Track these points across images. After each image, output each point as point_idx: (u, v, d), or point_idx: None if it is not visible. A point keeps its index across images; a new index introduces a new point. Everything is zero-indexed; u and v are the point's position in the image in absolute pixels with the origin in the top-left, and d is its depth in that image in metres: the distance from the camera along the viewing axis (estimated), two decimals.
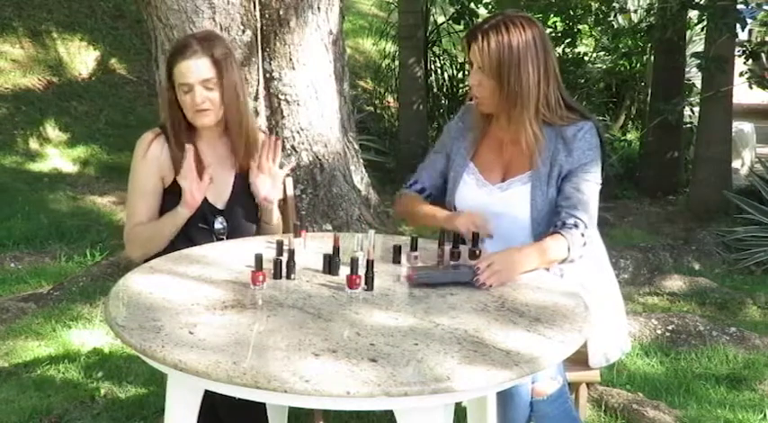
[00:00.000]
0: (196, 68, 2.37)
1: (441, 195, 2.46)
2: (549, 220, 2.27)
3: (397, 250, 2.20)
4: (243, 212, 2.51)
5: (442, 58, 8.34)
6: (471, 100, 2.39)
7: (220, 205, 2.48)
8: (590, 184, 2.28)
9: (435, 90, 8.24)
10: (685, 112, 7.50)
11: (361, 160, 4.45)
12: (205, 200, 2.43)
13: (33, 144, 7.13)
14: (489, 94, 2.29)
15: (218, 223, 2.47)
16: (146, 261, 2.28)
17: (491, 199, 2.33)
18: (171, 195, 2.42)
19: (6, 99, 7.43)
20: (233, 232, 2.47)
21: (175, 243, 2.38)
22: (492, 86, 2.27)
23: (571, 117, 2.31)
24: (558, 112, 2.29)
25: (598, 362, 2.37)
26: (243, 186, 2.51)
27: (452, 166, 2.42)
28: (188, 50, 2.37)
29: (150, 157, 2.43)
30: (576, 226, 2.21)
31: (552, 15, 8.49)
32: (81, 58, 8.22)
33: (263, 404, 2.23)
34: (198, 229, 2.43)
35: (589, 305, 2.21)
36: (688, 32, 7.96)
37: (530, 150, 2.29)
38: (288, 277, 2.03)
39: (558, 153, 2.29)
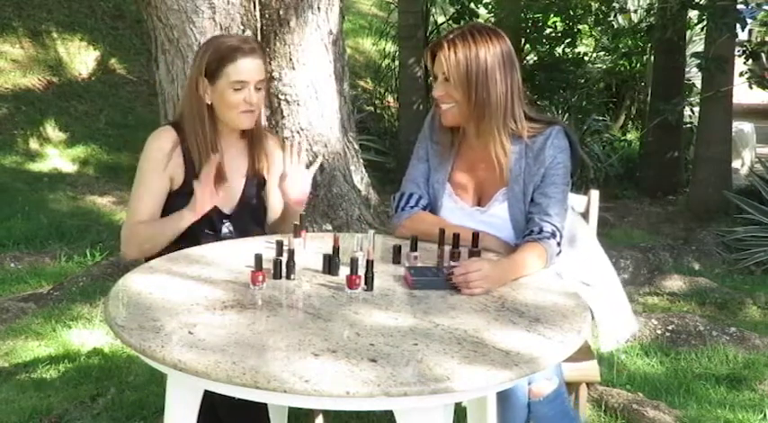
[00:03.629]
0: (256, 67, 2.36)
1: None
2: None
3: (397, 250, 2.20)
4: (250, 218, 2.50)
5: None
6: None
7: (228, 210, 2.46)
8: (558, 187, 2.27)
9: None
10: (685, 112, 7.51)
11: (361, 160, 4.45)
12: (215, 206, 2.41)
13: (33, 144, 7.13)
14: (455, 106, 2.27)
15: (226, 228, 2.45)
16: (146, 260, 2.28)
17: (473, 221, 2.32)
18: (179, 197, 2.38)
19: (6, 99, 7.43)
20: (240, 237, 2.45)
21: (181, 246, 2.35)
22: (458, 98, 2.25)
23: (536, 127, 2.30)
24: (523, 124, 2.28)
25: (611, 345, 2.38)
26: (252, 192, 2.51)
27: (431, 181, 2.41)
28: (247, 47, 2.36)
29: (163, 157, 2.38)
30: (553, 235, 2.21)
31: (552, 15, 8.50)
32: (81, 58, 8.23)
33: (265, 404, 2.23)
34: (204, 235, 2.40)
35: (593, 297, 2.23)
36: (688, 32, 7.96)
37: (500, 164, 2.29)
38: (288, 277, 2.03)
39: (530, 168, 2.28)
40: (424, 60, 2.36)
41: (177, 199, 2.39)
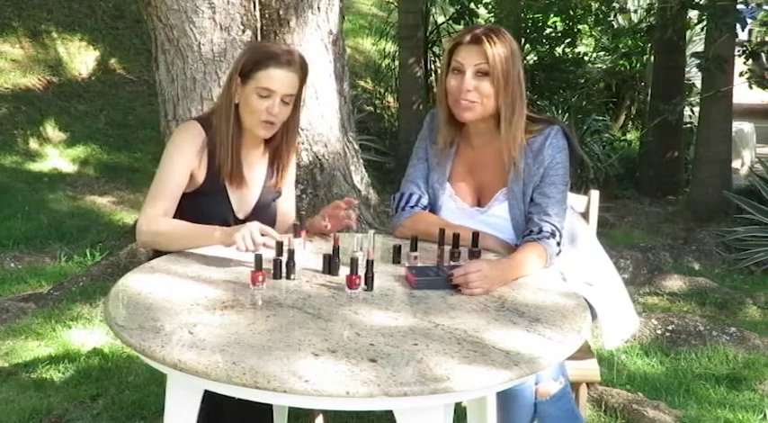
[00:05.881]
0: (288, 80, 2.32)
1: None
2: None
3: (397, 250, 2.20)
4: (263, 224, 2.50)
5: (442, 58, 8.34)
6: (461, 103, 2.28)
7: (242, 215, 2.45)
8: (557, 187, 2.28)
9: (435, 90, 8.25)
10: (685, 112, 7.51)
11: (361, 160, 4.45)
12: (230, 210, 2.41)
13: (33, 144, 7.13)
14: (484, 100, 2.25)
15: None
16: (147, 260, 2.27)
17: (473, 221, 2.33)
18: (200, 197, 2.37)
19: (6, 99, 7.43)
20: None
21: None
22: (490, 93, 2.24)
23: (536, 128, 2.30)
24: (524, 126, 2.29)
25: (614, 343, 2.39)
26: (267, 199, 2.50)
27: (431, 182, 2.41)
28: (284, 58, 2.32)
29: (189, 148, 2.35)
30: (552, 235, 2.22)
31: (552, 15, 8.51)
32: (81, 58, 8.23)
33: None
34: None
35: (596, 297, 2.23)
36: (688, 32, 7.96)
37: (510, 162, 2.29)
38: (287, 277, 2.03)
39: (530, 168, 2.29)
40: (440, 59, 2.34)
41: (197, 198, 2.37)
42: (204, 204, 2.37)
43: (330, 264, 2.08)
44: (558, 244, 2.22)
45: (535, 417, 2.20)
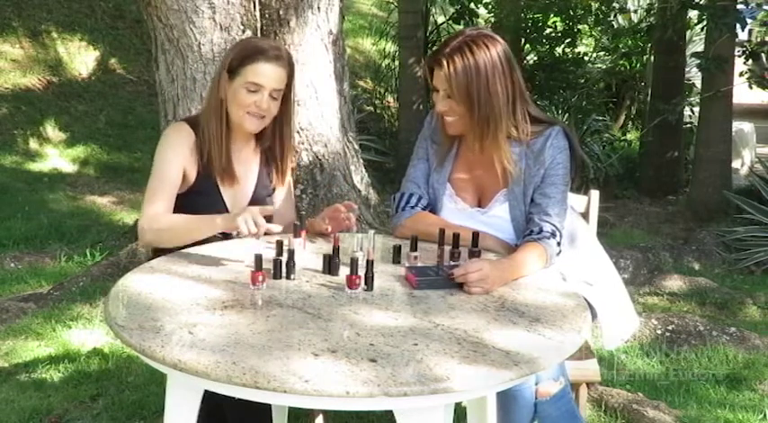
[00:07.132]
0: (275, 75, 2.33)
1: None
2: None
3: (397, 250, 2.20)
4: None
5: None
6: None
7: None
8: (557, 187, 2.28)
9: None
10: (685, 112, 7.51)
11: (361, 160, 4.44)
12: (224, 208, 2.41)
13: (33, 144, 7.13)
14: (460, 118, 2.26)
15: (235, 232, 2.44)
16: (147, 260, 2.27)
17: (473, 222, 2.33)
18: (194, 196, 2.38)
19: (6, 99, 7.43)
20: None
21: (188, 245, 2.33)
22: (462, 111, 2.24)
23: (537, 130, 2.30)
24: (525, 128, 2.28)
25: (614, 343, 2.39)
26: (262, 195, 2.50)
27: (431, 182, 2.42)
28: (272, 53, 2.33)
29: (181, 147, 2.37)
30: (553, 235, 2.22)
31: (552, 15, 8.51)
32: (81, 58, 8.23)
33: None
34: (214, 237, 2.38)
35: (596, 297, 2.23)
36: (688, 32, 7.97)
37: (506, 171, 2.29)
38: (287, 277, 2.03)
39: (530, 169, 2.28)
40: (424, 72, 2.34)
41: (191, 198, 2.38)
42: (198, 204, 2.37)
43: (330, 264, 2.07)
44: (559, 244, 2.23)
45: (535, 417, 2.19)
